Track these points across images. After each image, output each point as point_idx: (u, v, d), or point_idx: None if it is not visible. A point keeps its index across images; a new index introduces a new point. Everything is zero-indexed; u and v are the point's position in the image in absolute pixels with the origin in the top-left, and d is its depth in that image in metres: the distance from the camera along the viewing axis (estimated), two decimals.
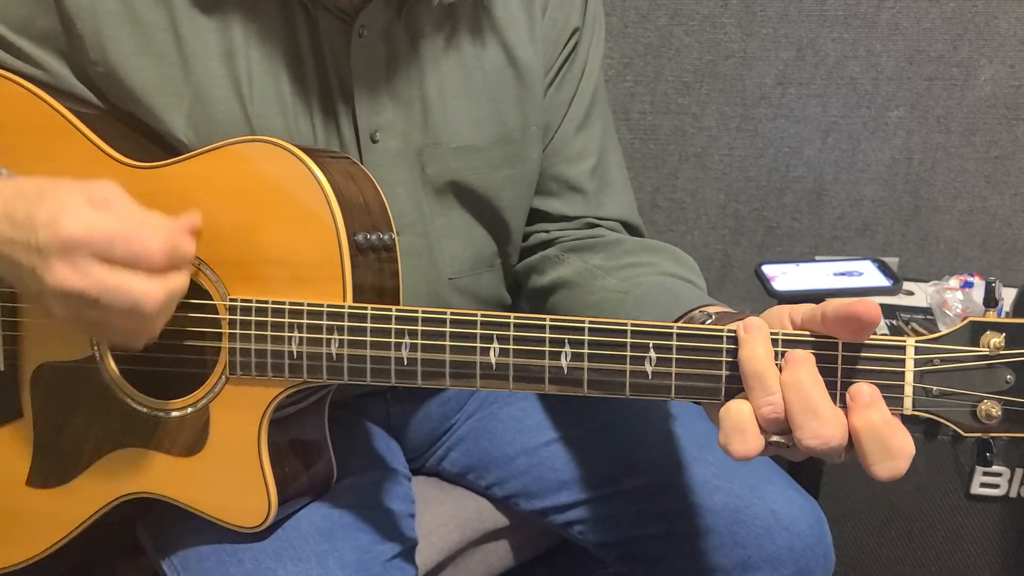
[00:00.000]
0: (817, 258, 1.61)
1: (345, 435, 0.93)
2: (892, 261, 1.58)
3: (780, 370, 0.63)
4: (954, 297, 1.38)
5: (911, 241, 1.68)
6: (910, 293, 1.45)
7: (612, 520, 0.97)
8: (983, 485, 1.32)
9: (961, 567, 1.37)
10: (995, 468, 1.31)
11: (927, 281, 1.47)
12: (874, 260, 1.53)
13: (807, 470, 1.34)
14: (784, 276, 1.49)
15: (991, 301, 0.66)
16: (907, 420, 0.64)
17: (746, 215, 1.66)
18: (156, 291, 0.68)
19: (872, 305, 0.61)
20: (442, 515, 1.03)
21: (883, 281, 1.46)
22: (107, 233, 0.66)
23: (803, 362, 0.63)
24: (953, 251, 1.68)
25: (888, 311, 1.38)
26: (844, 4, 1.51)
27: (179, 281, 0.71)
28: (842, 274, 1.51)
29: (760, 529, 0.90)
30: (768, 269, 1.50)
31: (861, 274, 1.50)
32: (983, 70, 1.55)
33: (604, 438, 0.99)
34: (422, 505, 1.01)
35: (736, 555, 0.90)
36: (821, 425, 0.61)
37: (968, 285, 1.42)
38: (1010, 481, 1.32)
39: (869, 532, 1.36)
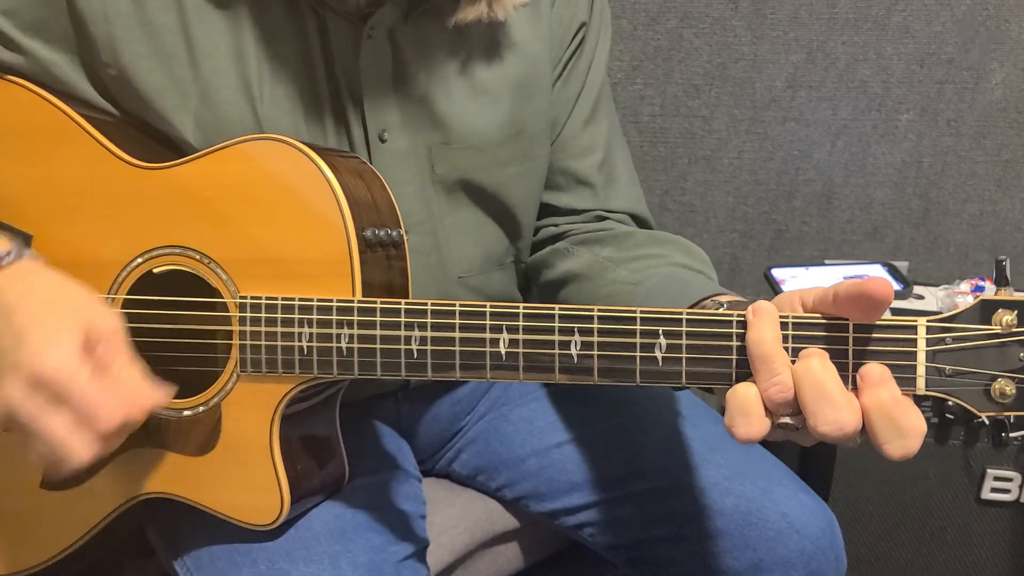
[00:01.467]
0: (826, 261, 1.61)
1: (356, 435, 0.93)
2: (902, 265, 1.57)
3: (789, 354, 0.64)
4: (964, 301, 1.37)
5: (921, 245, 1.68)
6: (920, 297, 1.44)
7: (622, 522, 0.97)
8: (994, 490, 1.31)
9: (971, 572, 1.36)
10: (1006, 473, 1.30)
11: (937, 285, 1.46)
12: (884, 264, 1.53)
13: (818, 473, 1.33)
14: (793, 279, 1.48)
15: (1002, 280, 0.65)
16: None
17: (755, 218, 1.66)
18: (87, 452, 0.68)
19: (883, 283, 0.61)
20: (452, 517, 1.03)
21: (893, 285, 1.45)
22: (72, 389, 0.67)
23: (815, 352, 0.63)
24: (963, 255, 1.68)
25: (898, 315, 1.38)
26: (854, 7, 1.51)
27: (114, 444, 0.70)
28: (852, 278, 1.50)
29: (771, 532, 0.90)
30: (777, 272, 1.50)
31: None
32: (994, 74, 1.55)
33: (614, 440, 0.99)
34: (432, 506, 1.00)
35: (747, 558, 0.90)
36: (835, 411, 0.61)
37: (979, 289, 1.42)
38: (1021, 487, 1.31)
39: (879, 536, 1.35)
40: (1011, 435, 1.28)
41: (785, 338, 0.64)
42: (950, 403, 0.65)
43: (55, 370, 0.66)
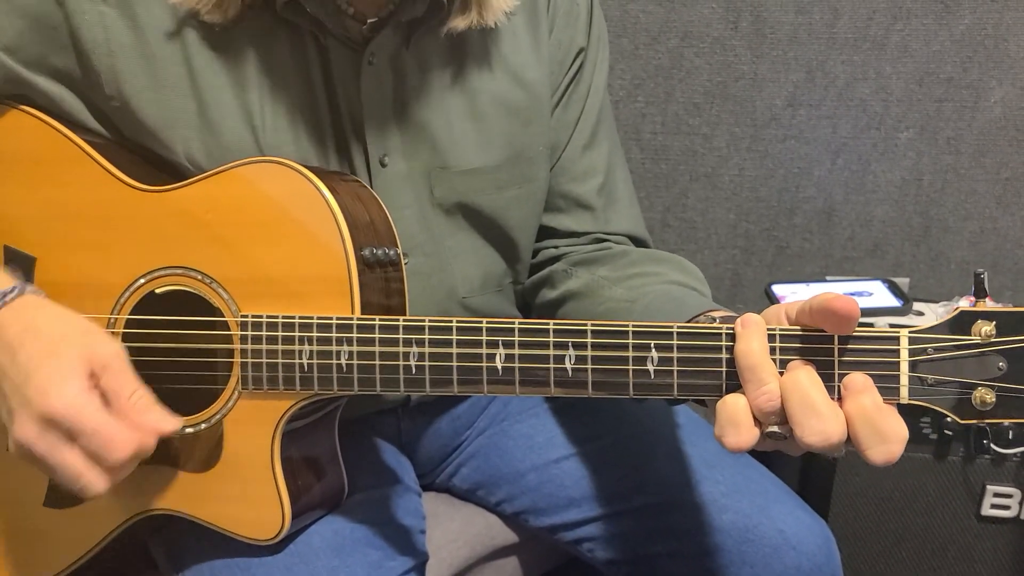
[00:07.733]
0: (827, 278, 1.61)
1: (356, 451, 0.94)
2: (903, 281, 1.58)
3: (777, 365, 0.65)
4: None
5: (921, 262, 1.68)
6: (920, 314, 1.44)
7: (621, 538, 0.98)
8: (994, 507, 1.31)
9: None
10: (1006, 489, 1.30)
11: (937, 302, 1.46)
12: (884, 280, 1.53)
13: (817, 489, 1.34)
14: (794, 296, 1.48)
15: (981, 292, 0.67)
16: (912, 426, 0.65)
17: (756, 235, 1.67)
18: (102, 483, 0.70)
19: (848, 301, 0.63)
20: (452, 531, 1.04)
21: (893, 301, 1.46)
22: (84, 423, 0.69)
23: (801, 366, 0.65)
24: (964, 272, 1.68)
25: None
26: (854, 26, 1.52)
27: (127, 471, 0.72)
28: (852, 294, 1.50)
29: (768, 549, 0.90)
30: (778, 289, 1.50)
31: (871, 294, 1.50)
32: (993, 92, 1.56)
33: (614, 456, 0.99)
34: (432, 521, 1.01)
35: (744, 574, 0.90)
36: (821, 422, 0.63)
37: None
38: (1021, 503, 1.31)
39: (879, 553, 1.35)
40: (1010, 451, 1.29)
41: (772, 350, 0.66)
42: (948, 419, 0.66)
43: (65, 407, 0.68)
